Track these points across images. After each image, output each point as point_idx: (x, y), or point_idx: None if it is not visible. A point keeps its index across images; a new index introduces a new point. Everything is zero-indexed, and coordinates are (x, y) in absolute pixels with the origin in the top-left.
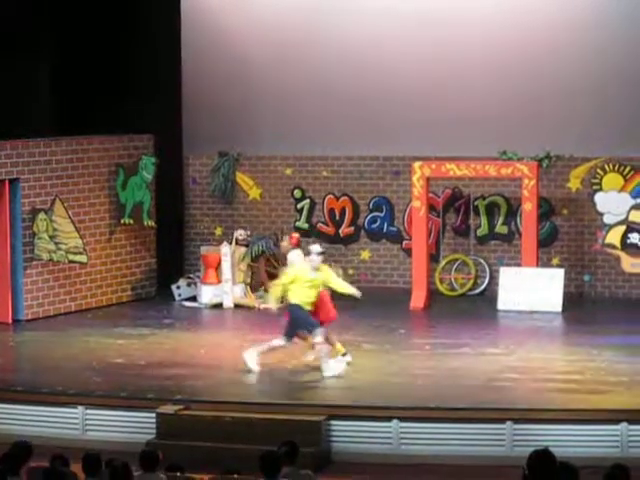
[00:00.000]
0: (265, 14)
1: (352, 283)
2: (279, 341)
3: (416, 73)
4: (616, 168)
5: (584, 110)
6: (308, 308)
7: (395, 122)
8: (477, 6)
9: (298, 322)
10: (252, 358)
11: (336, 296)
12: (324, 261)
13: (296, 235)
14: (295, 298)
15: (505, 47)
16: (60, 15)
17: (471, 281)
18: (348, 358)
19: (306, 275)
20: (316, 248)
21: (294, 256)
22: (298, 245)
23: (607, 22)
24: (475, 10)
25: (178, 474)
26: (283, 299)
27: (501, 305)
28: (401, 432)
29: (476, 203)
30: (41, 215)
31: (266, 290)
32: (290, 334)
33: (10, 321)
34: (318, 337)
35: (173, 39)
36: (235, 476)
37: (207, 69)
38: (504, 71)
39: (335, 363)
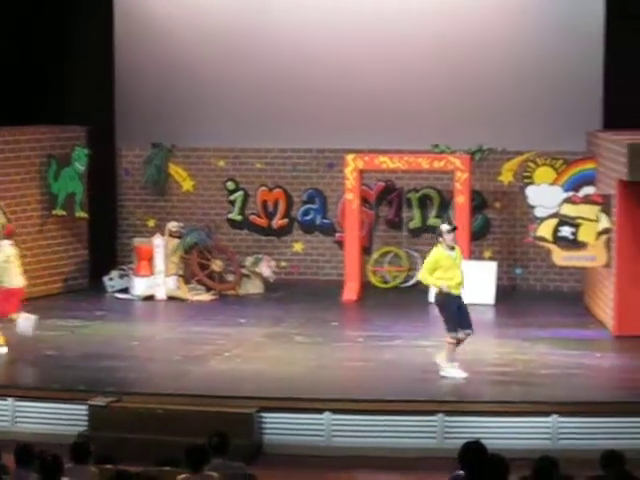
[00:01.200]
0: (199, 6)
1: (285, 275)
2: (450, 339)
3: (350, 66)
4: (548, 162)
5: (517, 104)
6: (458, 292)
7: (329, 115)
8: (413, 2)
9: (448, 315)
10: (451, 369)
11: (270, 287)
12: (256, 252)
13: (11, 225)
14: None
15: (439, 42)
16: None
17: (403, 273)
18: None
19: (445, 255)
20: (445, 227)
21: (4, 246)
22: (10, 235)
23: (541, 18)
24: (410, 6)
25: (109, 466)
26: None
27: (433, 298)
28: (333, 424)
29: (409, 196)
30: None
31: (198, 282)
32: (452, 328)
33: None
34: (448, 337)
35: (106, 30)
36: (167, 468)
37: (140, 60)
38: (438, 65)
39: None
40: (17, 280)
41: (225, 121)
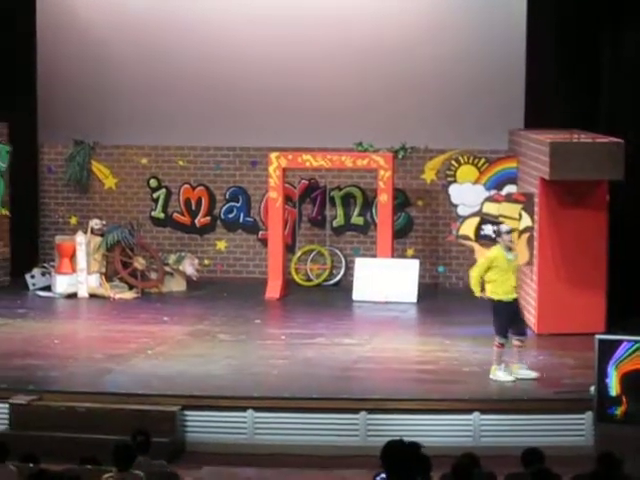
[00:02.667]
0: (121, 2)
1: (208, 273)
2: (497, 342)
3: (274, 65)
4: (470, 160)
5: (440, 103)
6: (512, 297)
7: (252, 113)
8: (335, 2)
9: (498, 320)
10: (502, 374)
11: (194, 285)
12: (179, 250)
13: None
14: (496, 291)
15: (361, 41)
16: None
17: (327, 271)
18: None
19: (504, 256)
20: (505, 227)
21: None
22: None
23: (462, 16)
24: (334, 4)
25: (31, 465)
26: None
27: (356, 296)
28: (256, 422)
29: (332, 194)
30: None
31: (121, 280)
32: (500, 331)
33: None
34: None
35: (28, 26)
36: (89, 467)
37: (63, 56)
38: (360, 64)
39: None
40: None
41: (148, 119)
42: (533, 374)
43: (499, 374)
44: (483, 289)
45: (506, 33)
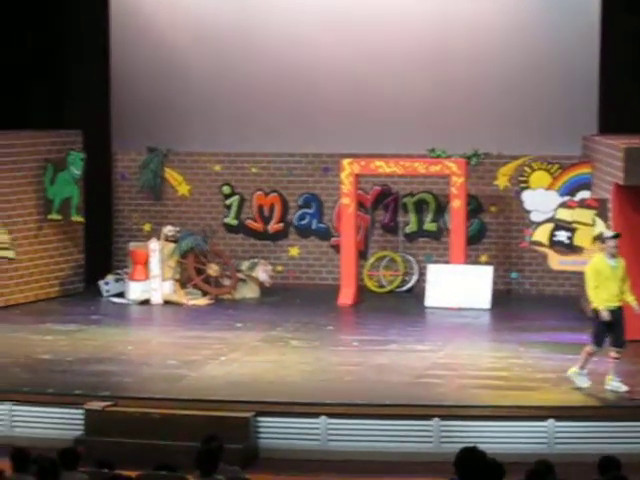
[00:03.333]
0: (195, 10)
1: (281, 280)
2: (589, 349)
3: (347, 71)
4: (544, 166)
5: (513, 108)
6: (616, 304)
7: (325, 119)
8: (409, 6)
9: (596, 328)
10: (577, 376)
11: (266, 292)
12: (252, 256)
13: None
14: (597, 299)
15: (435, 45)
16: None
17: (399, 278)
18: None
19: (606, 264)
20: (608, 233)
21: None
22: None
23: (538, 23)
24: (408, 11)
25: (105, 471)
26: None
27: (429, 302)
28: (329, 428)
29: (405, 200)
30: None
31: (194, 287)
32: (595, 340)
33: None
34: (589, 346)
35: (102, 35)
36: (163, 473)
37: (136, 64)
38: (435, 69)
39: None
40: None
41: (221, 125)
42: (624, 388)
43: (577, 378)
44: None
45: (579, 37)
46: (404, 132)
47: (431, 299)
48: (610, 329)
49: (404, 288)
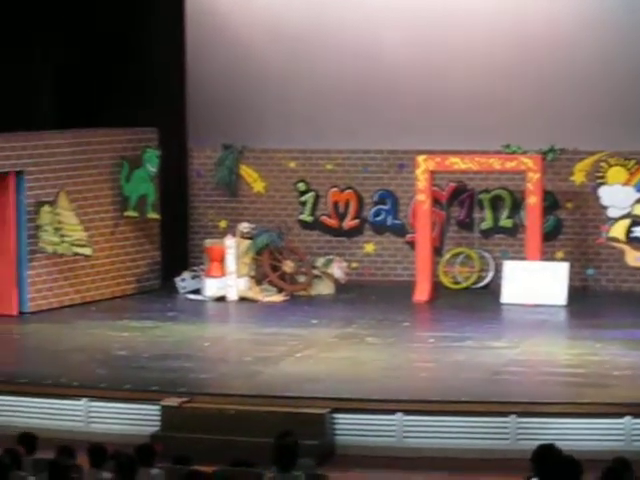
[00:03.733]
0: (270, 6)
1: (356, 276)
2: None
3: (422, 67)
4: (621, 162)
5: (589, 103)
6: None
7: (400, 115)
8: (486, 3)
9: None
10: None
11: (342, 288)
12: (328, 253)
13: None
14: None
15: (510, 40)
16: (64, 7)
17: (475, 274)
18: None
19: None
20: None
21: None
22: None
23: (614, 17)
24: (482, 6)
25: (182, 467)
26: None
27: (505, 298)
28: (405, 425)
29: (480, 197)
30: (45, 208)
31: (270, 283)
32: None
33: (15, 313)
34: None
35: (178, 31)
36: (240, 469)
37: (212, 62)
38: (509, 64)
39: None
40: None
41: (296, 122)
42: None
43: None
44: None
45: None
46: (479, 128)
47: (507, 296)
48: None
49: (480, 285)
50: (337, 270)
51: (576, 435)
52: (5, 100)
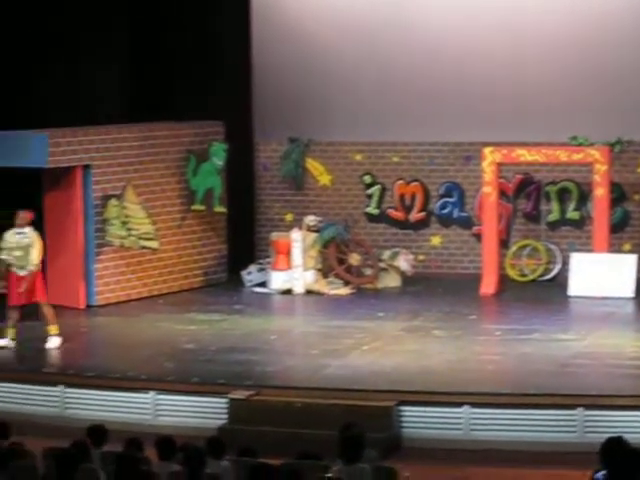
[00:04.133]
0: (333, 0)
1: (423, 269)
2: None
3: (487, 58)
4: None
5: None
6: None
7: (466, 107)
8: None
9: None
10: None
11: (408, 281)
12: (394, 246)
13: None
14: None
15: (577, 31)
16: (132, 3)
17: (542, 267)
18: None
19: None
20: None
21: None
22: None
23: None
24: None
25: (250, 459)
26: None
27: (572, 291)
28: (472, 418)
29: (547, 189)
30: (113, 201)
31: (336, 276)
32: None
33: (82, 307)
34: None
35: (243, 25)
36: (308, 461)
37: (277, 55)
38: (576, 56)
39: None
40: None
41: (362, 115)
42: None
43: None
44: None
45: None
46: (546, 120)
47: (574, 288)
48: None
49: (547, 277)
50: (403, 263)
51: None
52: (73, 95)
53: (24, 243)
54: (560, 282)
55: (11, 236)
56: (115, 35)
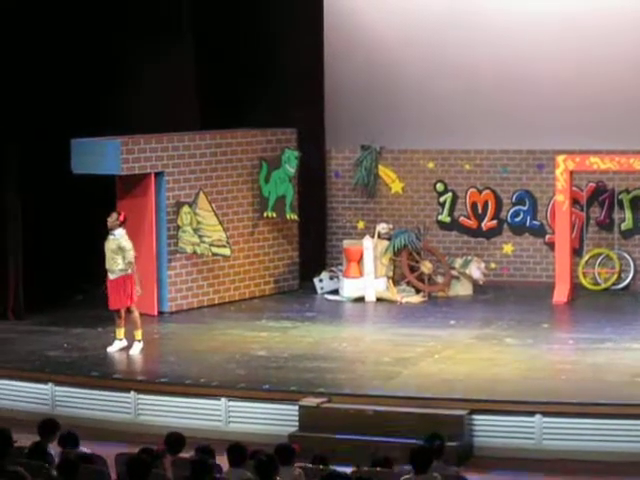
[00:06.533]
0: (407, 7)
1: (495, 277)
2: None
3: (560, 67)
4: None
5: None
6: None
7: (539, 115)
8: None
9: None
10: None
11: (480, 289)
12: (466, 254)
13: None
14: None
15: None
16: (205, 11)
17: (615, 275)
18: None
19: None
20: None
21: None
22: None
23: None
24: (614, 5)
25: (322, 466)
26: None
27: None
28: (544, 427)
29: (620, 197)
30: (185, 208)
31: (408, 284)
32: None
33: (155, 313)
34: None
35: (316, 33)
36: (379, 469)
37: (349, 62)
38: None
39: None
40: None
41: (433, 122)
42: None
43: None
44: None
45: None
46: (620, 127)
47: None
48: None
49: (620, 286)
50: (475, 271)
51: None
52: (147, 102)
53: (112, 246)
54: (633, 291)
55: (106, 239)
56: (188, 42)
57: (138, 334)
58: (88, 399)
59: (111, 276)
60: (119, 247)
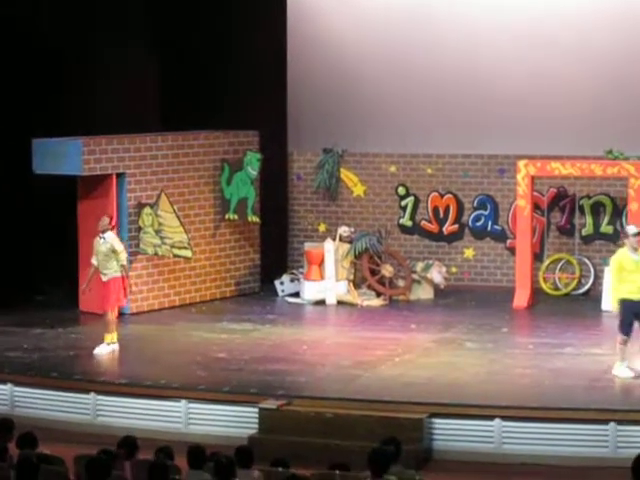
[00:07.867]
0: (369, 12)
1: (455, 281)
2: (620, 339)
3: (521, 72)
4: None
5: None
6: (638, 297)
7: (500, 121)
8: (587, 9)
9: (622, 318)
10: (623, 370)
11: (441, 293)
12: (427, 258)
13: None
14: (620, 289)
15: (611, 46)
16: (167, 13)
17: (575, 281)
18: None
19: (629, 258)
20: (631, 229)
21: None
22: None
23: None
24: (583, 12)
25: (281, 469)
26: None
27: (606, 305)
28: (503, 431)
29: (581, 202)
30: (147, 210)
31: (369, 287)
32: (622, 330)
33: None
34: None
35: (279, 36)
36: (337, 472)
37: (312, 66)
38: (610, 70)
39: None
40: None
41: (396, 127)
42: (630, 374)
43: (620, 370)
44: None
45: None
46: (580, 133)
47: (608, 303)
48: (637, 318)
49: (580, 291)
50: (436, 275)
51: None
52: (109, 102)
53: (103, 249)
54: (593, 296)
55: (96, 242)
56: (151, 45)
57: (108, 337)
58: (47, 400)
59: (104, 278)
60: (111, 250)
